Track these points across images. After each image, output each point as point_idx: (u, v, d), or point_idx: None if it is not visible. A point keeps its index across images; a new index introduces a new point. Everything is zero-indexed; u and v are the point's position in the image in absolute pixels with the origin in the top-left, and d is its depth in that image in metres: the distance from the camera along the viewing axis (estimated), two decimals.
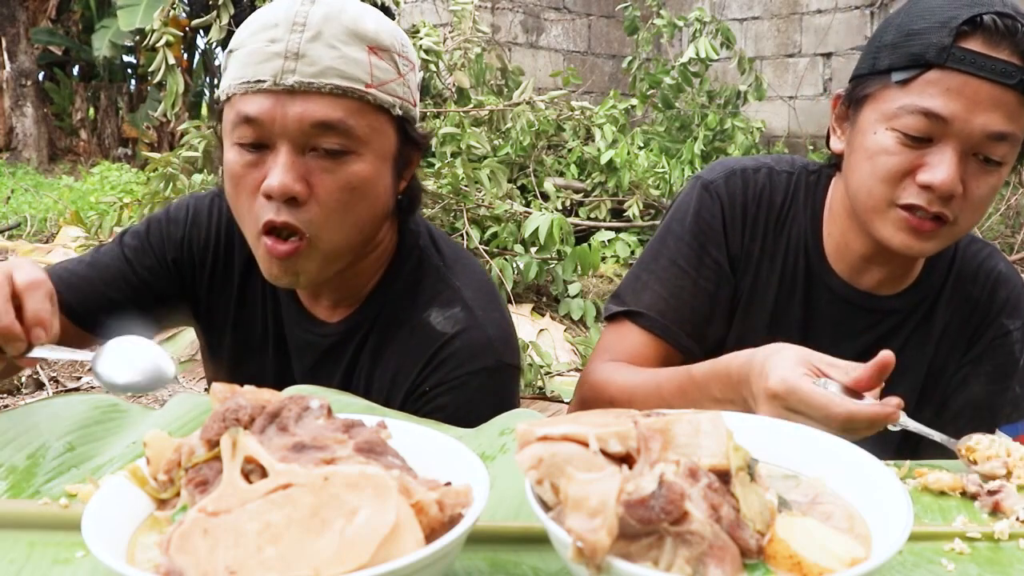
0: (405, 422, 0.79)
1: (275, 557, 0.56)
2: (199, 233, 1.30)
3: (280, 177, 1.04)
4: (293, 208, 1.06)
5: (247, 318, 1.31)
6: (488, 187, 4.48)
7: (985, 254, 1.31)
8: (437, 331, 1.18)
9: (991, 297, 1.28)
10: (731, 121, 5.87)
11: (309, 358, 1.27)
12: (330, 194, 1.07)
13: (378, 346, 1.23)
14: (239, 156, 1.08)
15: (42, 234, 6.15)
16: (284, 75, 1.04)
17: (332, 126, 1.05)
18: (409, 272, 1.24)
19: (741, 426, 0.73)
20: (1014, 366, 1.27)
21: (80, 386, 3.54)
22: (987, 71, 1.06)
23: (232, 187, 1.11)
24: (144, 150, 8.54)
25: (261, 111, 1.05)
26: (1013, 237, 4.96)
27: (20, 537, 0.73)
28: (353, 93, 1.06)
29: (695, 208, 1.31)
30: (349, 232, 1.11)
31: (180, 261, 1.30)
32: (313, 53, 1.04)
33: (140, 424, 0.96)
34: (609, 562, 0.56)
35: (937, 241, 1.15)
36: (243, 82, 1.06)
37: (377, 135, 1.10)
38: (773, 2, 7.46)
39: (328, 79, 1.04)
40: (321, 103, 1.05)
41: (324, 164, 1.07)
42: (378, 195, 1.13)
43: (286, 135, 1.05)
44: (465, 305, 1.20)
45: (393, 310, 1.23)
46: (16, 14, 10.34)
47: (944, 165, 1.08)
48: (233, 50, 1.11)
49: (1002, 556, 0.74)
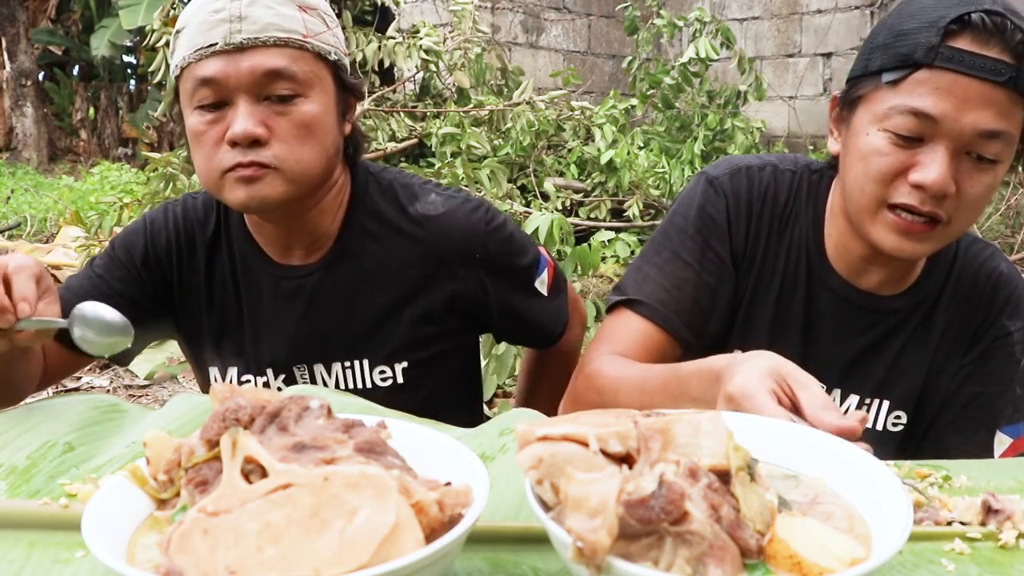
0: (405, 422, 0.79)
1: (275, 557, 0.56)
2: (159, 236, 1.40)
3: (242, 124, 1.19)
4: (257, 149, 1.20)
5: (219, 299, 1.40)
6: (488, 187, 4.48)
7: (987, 255, 1.31)
8: (432, 215, 1.36)
9: (992, 298, 1.28)
10: (731, 121, 5.87)
11: (301, 299, 1.36)
12: (287, 132, 1.21)
13: (377, 258, 1.36)
14: (201, 117, 1.22)
15: (42, 234, 6.15)
16: (232, 35, 1.19)
17: (279, 73, 1.20)
18: (371, 196, 1.39)
19: (741, 426, 0.73)
20: (1015, 367, 1.27)
21: (80, 386, 3.54)
22: (976, 69, 1.06)
23: (197, 145, 1.24)
24: (144, 150, 8.54)
25: (216, 71, 1.20)
26: (1013, 237, 4.96)
27: (20, 537, 0.73)
28: (293, 43, 1.22)
29: (699, 203, 1.31)
30: (308, 162, 1.24)
31: (148, 263, 1.39)
32: (254, 14, 1.20)
33: (140, 424, 0.96)
34: (609, 562, 0.56)
35: (931, 243, 1.15)
36: (196, 49, 1.20)
37: (318, 80, 1.25)
38: (773, 2, 7.46)
39: (270, 32, 1.20)
40: (267, 54, 1.20)
41: (278, 108, 1.21)
42: (327, 131, 1.27)
43: (241, 87, 1.20)
44: (434, 191, 1.39)
45: (377, 225, 1.37)
46: (16, 14, 10.34)
47: (936, 164, 1.08)
48: (180, 29, 1.25)
49: (1002, 556, 0.74)
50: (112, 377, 3.64)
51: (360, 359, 1.37)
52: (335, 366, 1.37)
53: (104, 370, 3.71)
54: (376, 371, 1.37)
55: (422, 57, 5.21)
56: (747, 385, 0.90)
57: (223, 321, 1.40)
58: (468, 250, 1.36)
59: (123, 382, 3.60)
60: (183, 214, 1.41)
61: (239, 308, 1.39)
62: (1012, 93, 1.07)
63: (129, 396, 3.44)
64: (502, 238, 1.39)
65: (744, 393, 0.89)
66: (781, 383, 0.90)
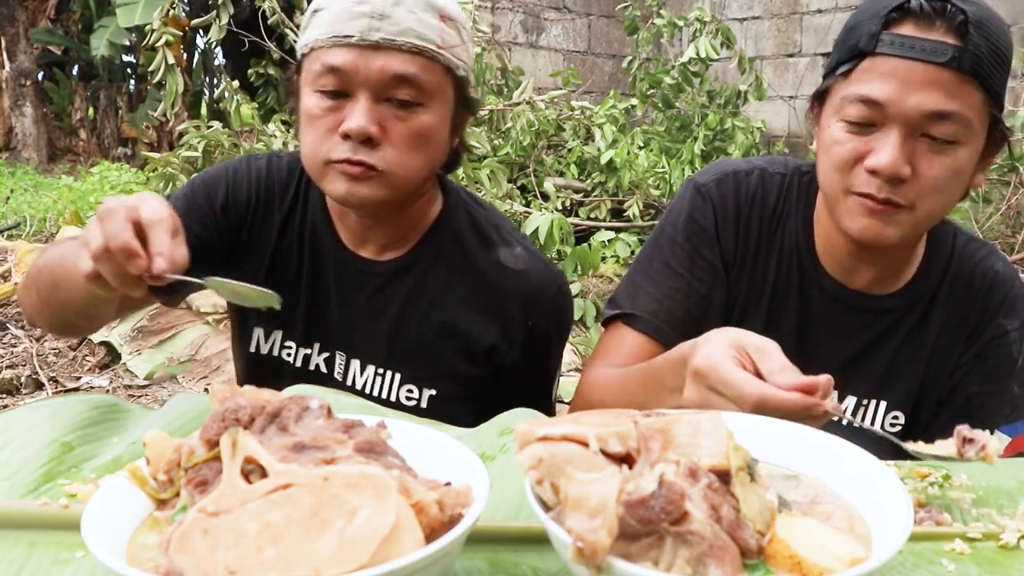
0: (405, 422, 0.79)
1: (275, 557, 0.56)
2: (241, 185, 1.39)
3: (359, 120, 1.18)
4: (368, 148, 1.20)
5: (282, 265, 1.40)
6: (488, 187, 4.48)
7: (983, 254, 1.30)
8: (510, 267, 1.37)
9: (988, 297, 1.28)
10: (731, 121, 5.86)
11: (362, 293, 1.37)
12: (400, 138, 1.21)
13: (443, 281, 1.36)
14: (320, 101, 1.22)
15: (42, 234, 6.14)
16: (370, 32, 1.19)
17: (407, 79, 1.20)
18: (461, 218, 1.39)
19: (741, 426, 0.73)
20: (1012, 366, 1.27)
21: (80, 386, 3.54)
22: (917, 52, 1.09)
23: (309, 126, 1.24)
24: (144, 150, 8.54)
25: (346, 62, 1.19)
26: (1013, 237, 4.96)
27: (20, 537, 0.73)
28: (427, 52, 1.21)
29: (688, 210, 1.32)
30: (413, 172, 1.25)
31: (227, 210, 1.38)
32: (396, 15, 1.19)
33: (140, 424, 0.96)
34: (609, 562, 0.56)
35: (896, 227, 1.15)
36: (332, 36, 1.20)
37: (441, 92, 1.25)
38: (773, 2, 7.46)
39: (408, 38, 1.20)
40: (400, 58, 1.19)
41: (397, 112, 1.21)
42: (438, 143, 1.28)
43: (367, 84, 1.19)
44: (520, 244, 1.40)
45: (453, 249, 1.38)
46: (15, 14, 10.33)
47: (887, 148, 1.10)
48: (318, 10, 1.24)
49: (1002, 556, 0.74)
50: (112, 377, 3.64)
51: (394, 371, 1.37)
52: (369, 368, 1.38)
53: (103, 370, 3.72)
54: (404, 388, 1.37)
55: None
56: (711, 356, 0.93)
57: (280, 287, 1.34)
58: (525, 315, 1.36)
59: (123, 382, 3.60)
60: (266, 171, 1.41)
61: (299, 279, 1.39)
62: (958, 74, 1.08)
63: (129, 396, 3.44)
64: (557, 324, 1.41)
65: (709, 364, 0.93)
66: (742, 352, 0.93)
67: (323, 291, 1.38)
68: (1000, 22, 1.12)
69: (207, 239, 1.35)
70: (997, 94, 1.12)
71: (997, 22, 1.11)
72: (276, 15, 4.61)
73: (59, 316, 1.22)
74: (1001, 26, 1.12)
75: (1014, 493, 0.87)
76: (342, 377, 1.39)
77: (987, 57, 1.09)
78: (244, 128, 4.78)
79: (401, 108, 1.21)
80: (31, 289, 1.22)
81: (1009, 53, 1.12)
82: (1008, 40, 1.13)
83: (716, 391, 0.92)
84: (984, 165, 1.20)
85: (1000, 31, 1.11)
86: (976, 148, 1.14)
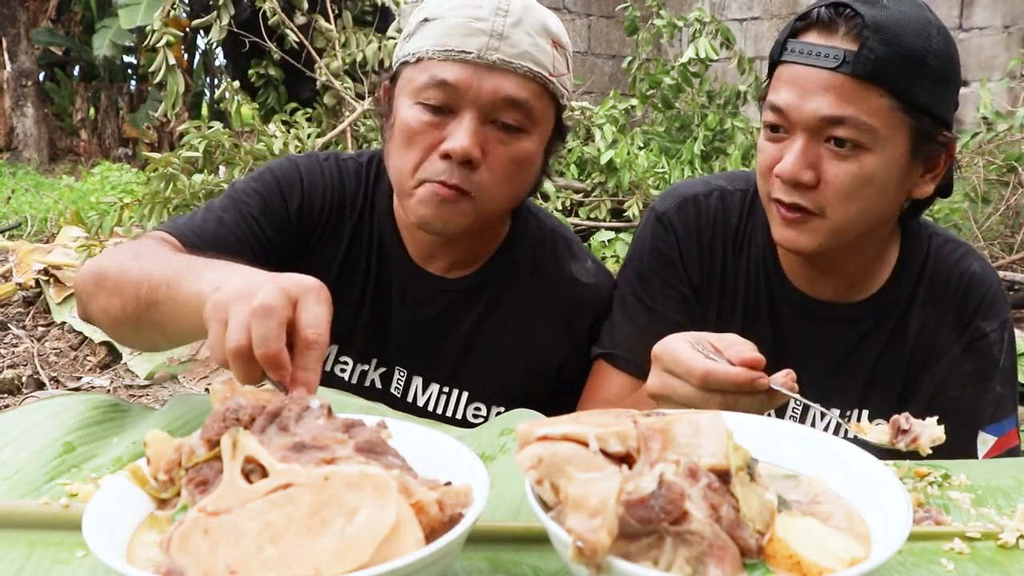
0: (405, 422, 0.79)
1: (275, 557, 0.56)
2: (316, 188, 1.32)
3: (464, 140, 1.14)
4: (466, 170, 1.16)
5: (349, 275, 1.34)
6: None
7: (958, 255, 1.28)
8: (583, 282, 1.35)
9: (965, 299, 1.25)
10: (731, 121, 5.86)
11: (430, 310, 1.34)
12: (501, 163, 1.18)
13: (517, 298, 1.34)
14: (421, 114, 1.17)
15: (42, 234, 6.14)
16: (488, 51, 1.15)
17: (518, 103, 1.17)
18: (531, 236, 1.37)
19: (741, 426, 0.73)
20: (994, 367, 1.25)
21: (80, 386, 3.54)
22: (813, 58, 1.10)
23: (405, 141, 1.19)
24: (144, 150, 8.54)
25: (458, 78, 1.15)
26: (1013, 237, 4.95)
27: (20, 537, 0.73)
28: (540, 78, 1.19)
29: (651, 242, 1.33)
30: (504, 200, 1.23)
31: (302, 212, 1.31)
32: (515, 37, 1.16)
33: (140, 424, 0.96)
34: (609, 562, 0.56)
35: (812, 235, 1.15)
36: (445, 49, 1.16)
37: (546, 119, 1.23)
38: (773, 2, 7.46)
39: (524, 62, 1.17)
40: (514, 81, 1.17)
41: (500, 136, 1.18)
42: (533, 172, 1.25)
43: (476, 104, 1.16)
44: (589, 258, 1.39)
45: (525, 266, 1.35)
46: (16, 14, 10.33)
47: (789, 154, 1.12)
48: (428, 19, 1.20)
49: (1002, 556, 0.74)
50: (112, 377, 3.64)
51: (461, 389, 1.35)
52: (433, 386, 1.35)
53: (104, 370, 3.72)
54: (472, 406, 1.35)
55: None
56: (667, 342, 0.97)
57: (344, 298, 1.33)
58: (592, 328, 1.35)
59: (123, 382, 3.60)
60: (339, 176, 1.34)
61: (364, 292, 1.34)
62: (853, 78, 1.08)
63: (129, 396, 3.44)
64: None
65: (664, 347, 0.96)
66: (702, 342, 0.95)
67: (387, 305, 1.34)
68: (917, 24, 1.09)
69: (279, 243, 1.28)
70: (910, 97, 1.09)
71: (910, 24, 1.09)
72: (276, 15, 4.61)
73: (145, 335, 1.11)
74: (918, 28, 1.09)
75: (1013, 493, 0.87)
76: (400, 394, 1.35)
77: (889, 60, 1.07)
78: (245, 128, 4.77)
79: (505, 132, 1.18)
80: (112, 296, 1.07)
81: (928, 55, 1.09)
82: (929, 42, 1.09)
83: (670, 372, 0.94)
84: (932, 172, 1.18)
85: (914, 33, 1.09)
86: (892, 155, 1.12)
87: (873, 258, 1.26)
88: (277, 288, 0.79)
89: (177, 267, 1.00)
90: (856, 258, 1.24)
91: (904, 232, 1.28)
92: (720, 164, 5.57)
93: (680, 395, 0.93)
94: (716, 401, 0.90)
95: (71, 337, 4.00)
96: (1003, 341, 1.25)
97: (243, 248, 1.25)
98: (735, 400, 0.91)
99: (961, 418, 1.25)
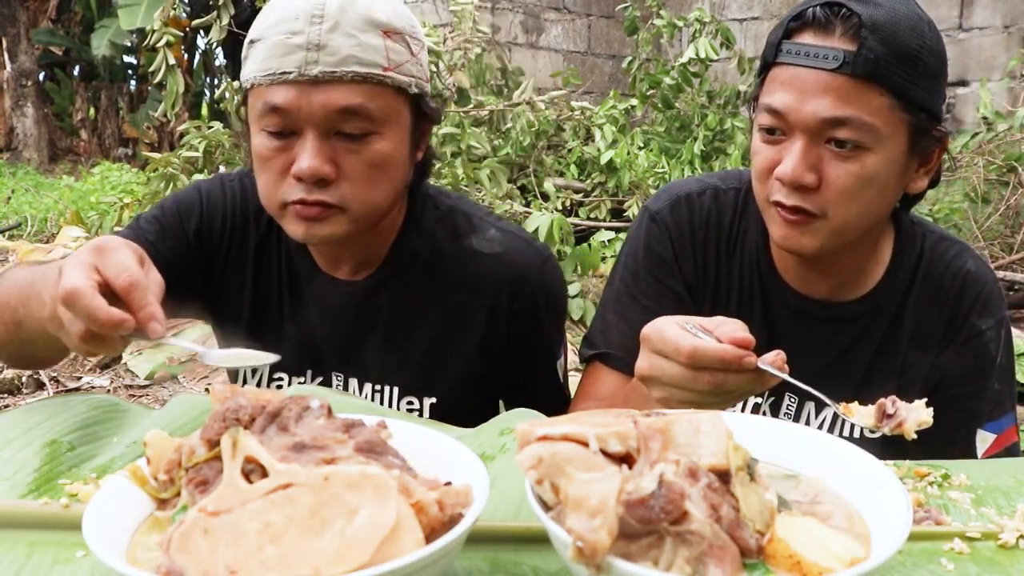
0: (405, 422, 0.79)
1: (275, 557, 0.56)
2: (216, 209, 1.34)
3: (309, 161, 1.11)
4: (322, 188, 1.13)
5: (263, 292, 1.35)
6: (488, 187, 4.48)
7: (953, 253, 1.28)
8: (486, 252, 1.30)
9: (960, 297, 1.25)
10: (731, 121, 5.86)
11: (346, 314, 1.33)
12: (356, 172, 1.15)
13: (422, 286, 1.31)
14: (267, 141, 1.15)
15: (42, 234, 6.15)
16: (308, 66, 1.10)
17: (354, 111, 1.12)
18: (428, 220, 1.33)
19: (741, 426, 0.73)
20: (991, 365, 1.24)
21: (80, 386, 3.54)
22: (810, 59, 1.09)
23: (260, 168, 1.18)
24: (144, 150, 8.54)
25: (287, 101, 1.11)
26: (1013, 237, 4.95)
27: (20, 537, 0.73)
28: (372, 78, 1.13)
29: (645, 242, 1.32)
30: (375, 203, 1.19)
31: (200, 235, 1.33)
32: (333, 43, 1.11)
33: (140, 424, 0.96)
34: (609, 562, 0.56)
35: (812, 236, 1.15)
36: (268, 73, 1.12)
37: (395, 114, 1.17)
38: (773, 2, 7.46)
39: (349, 67, 1.11)
40: (343, 90, 1.12)
41: (349, 146, 1.14)
42: (398, 168, 1.21)
43: (312, 122, 1.12)
44: (494, 227, 1.33)
45: (428, 253, 1.32)
46: (16, 14, 10.34)
47: (789, 157, 1.11)
48: (254, 40, 1.16)
49: (1002, 556, 0.74)
50: (112, 377, 3.64)
51: (392, 385, 1.34)
52: (367, 386, 1.35)
53: (104, 370, 3.72)
54: (404, 401, 1.35)
55: None
56: (655, 323, 0.96)
57: (265, 315, 1.36)
58: (510, 298, 1.31)
59: (123, 382, 3.60)
60: (241, 194, 1.34)
61: (281, 307, 1.35)
62: (853, 78, 1.08)
63: (129, 396, 3.44)
64: (547, 301, 1.34)
65: (653, 327, 0.95)
66: (689, 322, 0.95)
67: (306, 316, 1.34)
68: (910, 21, 1.09)
69: (180, 266, 1.29)
70: (909, 95, 1.09)
71: (904, 22, 1.09)
72: None
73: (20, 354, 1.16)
74: (912, 25, 1.09)
75: (1013, 493, 0.87)
76: None
77: (887, 59, 1.07)
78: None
79: (352, 141, 1.13)
80: None
81: (924, 52, 1.09)
82: (923, 39, 1.09)
83: (659, 352, 0.93)
84: (926, 167, 1.18)
85: (909, 31, 1.08)
86: (892, 153, 1.12)
87: (867, 256, 1.26)
88: (73, 266, 0.84)
89: (25, 278, 1.03)
90: (850, 256, 1.24)
91: (898, 230, 1.28)
92: (720, 164, 5.58)
93: (668, 375, 0.92)
94: (704, 380, 0.89)
95: None
96: (999, 338, 1.25)
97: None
98: (724, 379, 0.89)
99: (959, 416, 1.25)
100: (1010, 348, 1.28)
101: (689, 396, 0.91)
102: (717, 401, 0.92)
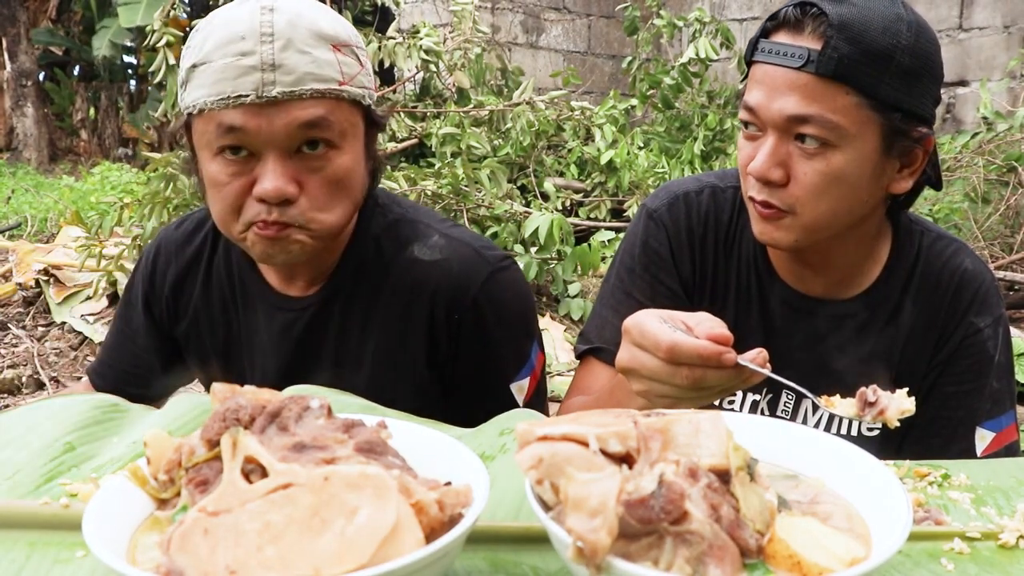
0: (405, 422, 0.79)
1: (275, 557, 0.56)
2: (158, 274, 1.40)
3: (274, 182, 1.10)
4: (284, 207, 1.12)
5: (220, 319, 1.38)
6: (488, 187, 4.48)
7: (950, 251, 1.28)
8: (424, 260, 1.27)
9: (958, 296, 1.25)
10: (731, 121, 5.86)
11: (293, 337, 1.31)
12: (318, 189, 1.14)
13: (369, 297, 1.29)
14: (223, 166, 1.13)
15: (43, 234, 6.15)
16: (265, 87, 1.08)
17: (316, 123, 1.11)
18: (374, 230, 1.31)
19: (741, 426, 0.73)
20: (989, 363, 1.24)
21: None
22: (779, 57, 1.12)
23: (215, 193, 1.15)
24: (144, 150, 8.54)
25: (246, 123, 1.09)
26: (1013, 237, 4.95)
27: (20, 537, 0.73)
28: (330, 94, 1.12)
29: (642, 239, 1.33)
30: (337, 218, 1.18)
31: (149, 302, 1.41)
32: (289, 62, 1.08)
33: (140, 424, 0.96)
34: (609, 562, 0.56)
35: (784, 232, 1.16)
36: (221, 97, 1.09)
37: (352, 127, 1.16)
38: (773, 2, 7.46)
39: (307, 85, 1.09)
40: (303, 107, 1.10)
41: (310, 164, 1.13)
42: (357, 180, 1.20)
43: (273, 143, 1.10)
44: (438, 232, 1.30)
45: (373, 263, 1.29)
46: (16, 14, 10.33)
47: (760, 152, 1.13)
48: (196, 64, 1.11)
49: (1002, 556, 0.74)
50: None
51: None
52: None
53: None
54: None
55: (422, 57, 5.21)
56: (636, 316, 0.95)
57: (226, 340, 1.37)
58: (448, 309, 1.26)
59: None
60: (154, 255, 1.40)
61: (239, 329, 1.36)
62: (818, 77, 1.09)
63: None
64: (496, 315, 1.27)
65: (634, 320, 0.95)
66: (673, 319, 0.94)
67: (262, 337, 1.33)
68: (884, 21, 1.09)
69: (160, 336, 1.39)
70: (878, 94, 1.09)
71: (877, 22, 1.09)
72: None
73: None
74: (885, 25, 1.09)
75: (1013, 493, 0.87)
76: None
77: (853, 58, 1.07)
78: None
79: (314, 159, 1.12)
80: None
81: (897, 51, 1.09)
82: (898, 39, 1.09)
83: (638, 345, 0.93)
84: (909, 168, 1.17)
85: (881, 30, 1.08)
86: (862, 151, 1.11)
87: (863, 254, 1.26)
88: None
89: None
90: (843, 254, 1.24)
91: (895, 228, 1.28)
92: (720, 164, 5.58)
93: (647, 368, 0.91)
94: (683, 375, 0.89)
95: (71, 337, 4.00)
96: (997, 337, 1.25)
97: (140, 364, 1.44)
98: (703, 374, 0.89)
99: (958, 414, 1.25)
100: (1009, 346, 1.28)
101: (668, 390, 0.91)
102: (697, 396, 0.92)
